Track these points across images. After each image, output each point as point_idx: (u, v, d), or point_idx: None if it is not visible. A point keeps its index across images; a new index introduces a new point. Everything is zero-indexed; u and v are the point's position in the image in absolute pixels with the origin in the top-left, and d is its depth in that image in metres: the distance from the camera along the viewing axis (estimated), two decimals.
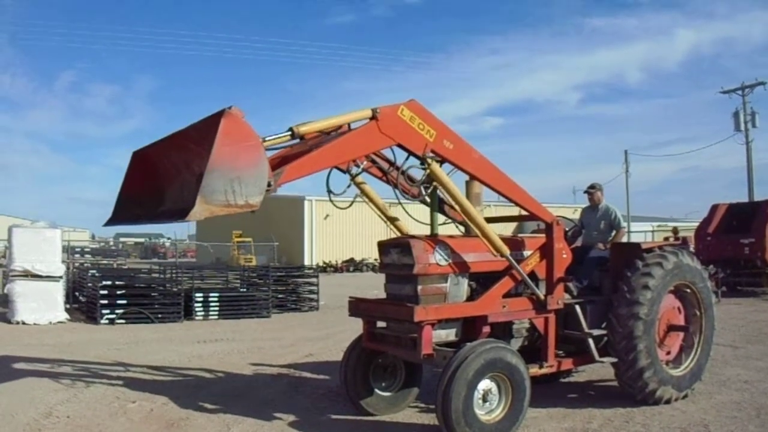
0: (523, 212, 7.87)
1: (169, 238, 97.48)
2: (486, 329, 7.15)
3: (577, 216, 10.25)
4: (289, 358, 11.67)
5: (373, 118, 6.30)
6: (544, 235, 7.77)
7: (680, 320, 8.67)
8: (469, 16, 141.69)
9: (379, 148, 6.68)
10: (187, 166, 6.03)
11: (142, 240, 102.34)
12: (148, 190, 6.54)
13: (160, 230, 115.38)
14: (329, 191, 7.13)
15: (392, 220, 7.95)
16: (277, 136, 5.96)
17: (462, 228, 8.21)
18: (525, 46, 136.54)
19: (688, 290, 8.66)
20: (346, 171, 7.42)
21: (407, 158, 6.76)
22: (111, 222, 6.75)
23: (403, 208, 7.25)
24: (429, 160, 6.60)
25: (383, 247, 7.52)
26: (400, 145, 6.55)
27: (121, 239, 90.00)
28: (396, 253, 7.21)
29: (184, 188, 5.82)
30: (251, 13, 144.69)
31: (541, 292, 7.50)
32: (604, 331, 8.04)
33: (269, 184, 5.50)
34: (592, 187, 9.54)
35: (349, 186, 7.43)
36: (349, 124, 6.55)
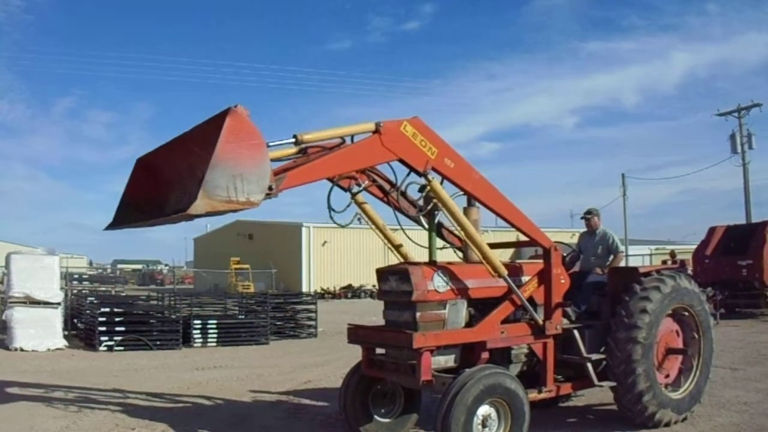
0: (521, 238, 7.91)
1: (166, 265, 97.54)
2: (485, 355, 7.16)
3: (574, 241, 10.30)
4: (288, 384, 11.65)
5: (376, 131, 6.36)
6: (542, 260, 7.81)
7: (679, 343, 8.69)
8: (466, 41, 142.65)
9: (381, 161, 6.72)
10: (191, 171, 6.01)
11: (139, 267, 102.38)
12: (150, 196, 6.52)
13: (157, 257, 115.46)
14: (330, 208, 7.12)
15: (392, 242, 7.97)
16: (280, 141, 6.00)
17: (460, 253, 8.25)
18: (522, 71, 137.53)
19: (687, 313, 8.69)
20: (347, 189, 7.42)
21: (408, 174, 6.80)
22: (112, 226, 6.72)
23: (404, 232, 7.29)
24: (430, 177, 6.66)
25: (381, 274, 7.54)
26: (401, 161, 6.59)
27: (119, 266, 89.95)
28: (394, 280, 7.23)
29: (186, 193, 5.77)
30: (248, 40, 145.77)
31: (539, 318, 7.54)
32: (602, 356, 8.06)
33: (270, 188, 5.52)
34: (588, 212, 9.59)
35: (349, 204, 7.41)
36: (352, 137, 6.58)
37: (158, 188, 6.54)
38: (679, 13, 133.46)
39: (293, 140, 6.05)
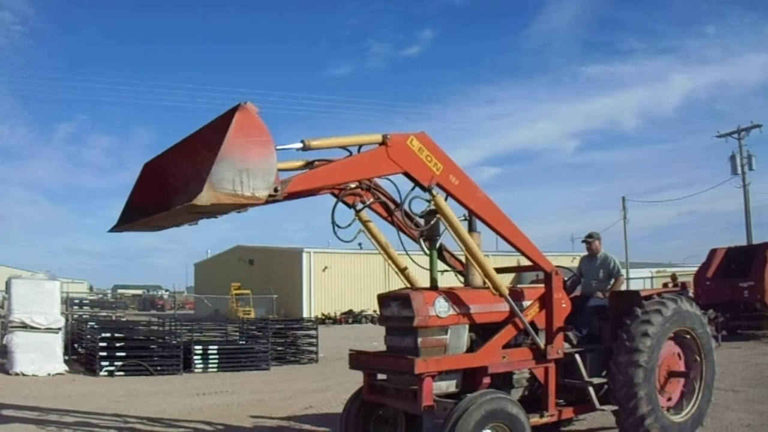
0: (522, 263, 7.93)
1: (167, 290, 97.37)
2: (486, 380, 7.15)
3: (575, 264, 10.31)
4: (289, 410, 11.61)
5: (383, 143, 6.42)
6: (543, 285, 7.83)
7: (680, 366, 8.69)
8: (466, 66, 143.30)
9: (386, 173, 6.75)
10: (197, 173, 5.98)
11: (140, 292, 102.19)
12: (157, 200, 6.48)
13: (158, 282, 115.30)
14: (334, 223, 7.18)
15: (394, 261, 7.97)
16: (288, 146, 6.00)
17: (461, 278, 8.27)
18: (522, 96, 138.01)
19: (688, 336, 8.70)
20: (352, 206, 7.50)
21: (412, 189, 6.85)
22: (116, 228, 6.71)
23: (408, 256, 7.32)
24: (434, 193, 6.71)
25: (383, 299, 7.54)
26: (406, 174, 6.65)
27: (119, 291, 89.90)
28: (396, 306, 7.23)
29: (191, 194, 5.61)
30: (249, 66, 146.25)
31: (541, 342, 7.54)
32: (604, 380, 8.05)
33: (276, 190, 5.55)
34: (590, 236, 9.63)
35: (353, 221, 7.50)
36: (359, 149, 6.57)
37: (164, 192, 6.54)
38: (677, 36, 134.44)
39: (301, 145, 6.06)
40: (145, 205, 6.58)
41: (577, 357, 7.86)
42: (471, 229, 7.64)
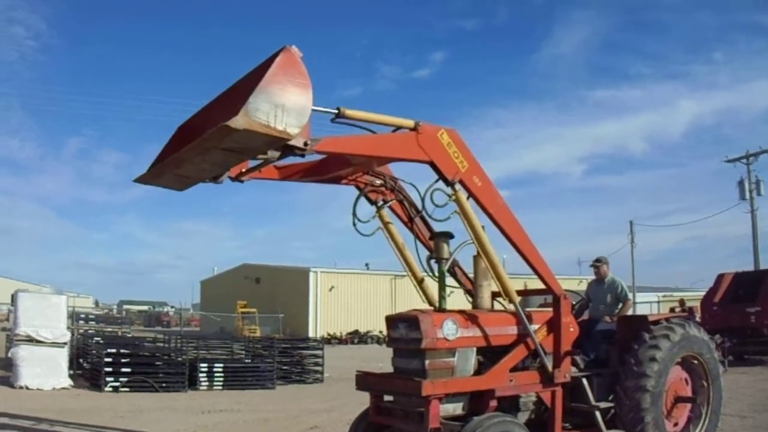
0: (530, 286, 7.92)
1: (173, 307, 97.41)
2: (493, 403, 7.13)
3: (582, 287, 10.30)
4: (294, 429, 11.59)
5: (414, 129, 6.47)
6: (551, 309, 7.82)
7: (688, 391, 8.67)
8: (475, 88, 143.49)
9: (413, 158, 6.71)
10: (233, 105, 5.62)
11: (145, 308, 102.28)
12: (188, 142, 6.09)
13: (164, 299, 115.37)
14: (354, 216, 7.31)
15: (409, 265, 7.98)
16: (323, 108, 5.96)
17: (470, 298, 8.26)
18: (530, 119, 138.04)
19: (696, 361, 8.67)
20: (374, 202, 7.61)
21: (436, 181, 6.84)
22: (142, 178, 6.38)
23: (425, 271, 7.35)
24: (456, 188, 6.75)
25: (391, 321, 7.52)
26: (432, 164, 6.66)
27: (125, 306, 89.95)
28: (404, 328, 7.20)
29: (225, 117, 5.28)
30: None
31: (549, 365, 7.52)
32: (611, 404, 8.03)
33: (306, 144, 5.57)
34: (598, 260, 9.65)
35: (374, 216, 7.63)
36: (394, 130, 6.56)
37: (196, 135, 6.04)
38: (685, 62, 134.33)
39: (336, 111, 6.07)
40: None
41: (585, 381, 7.83)
42: (479, 252, 7.65)
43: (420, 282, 8.05)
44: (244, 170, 6.67)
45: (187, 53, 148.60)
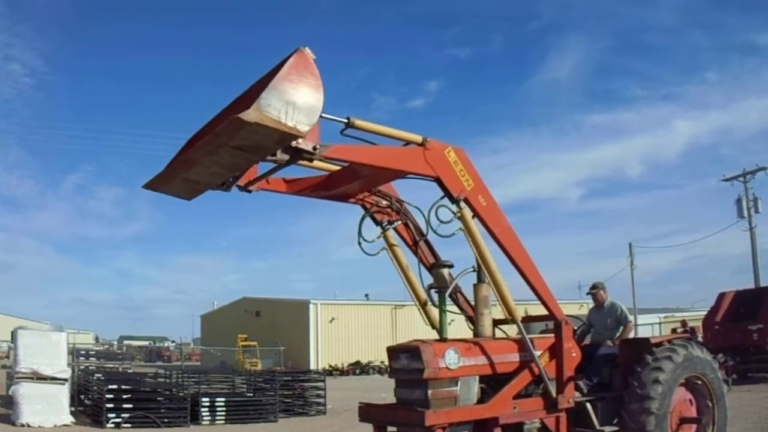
0: (531, 312, 7.92)
1: (173, 342, 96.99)
2: (497, 430, 7.08)
3: (582, 312, 10.30)
4: None
5: (422, 144, 6.52)
6: (552, 335, 7.82)
7: (692, 412, 8.65)
8: (471, 117, 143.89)
9: (419, 172, 6.74)
10: (245, 102, 5.66)
11: (146, 343, 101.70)
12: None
13: (164, 334, 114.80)
14: (360, 235, 7.38)
15: (413, 287, 7.98)
16: (334, 117, 6.01)
17: (471, 325, 8.24)
18: (526, 145, 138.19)
19: (699, 382, 8.66)
20: (379, 223, 7.66)
21: (441, 198, 6.88)
22: (150, 184, 6.36)
23: (429, 297, 7.37)
24: (461, 205, 6.78)
25: (392, 352, 7.49)
26: (438, 180, 6.71)
27: (126, 342, 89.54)
28: (405, 358, 7.18)
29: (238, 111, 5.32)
30: None
31: (553, 390, 7.50)
32: (616, 428, 8.00)
33: (315, 148, 5.61)
34: (594, 287, 9.67)
35: (379, 237, 7.68)
36: (404, 144, 6.63)
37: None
38: (679, 83, 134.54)
39: (346, 120, 6.12)
40: None
41: (588, 405, 7.82)
42: (479, 280, 7.66)
43: (423, 305, 8.03)
44: (252, 179, 6.66)
45: (185, 87, 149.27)
